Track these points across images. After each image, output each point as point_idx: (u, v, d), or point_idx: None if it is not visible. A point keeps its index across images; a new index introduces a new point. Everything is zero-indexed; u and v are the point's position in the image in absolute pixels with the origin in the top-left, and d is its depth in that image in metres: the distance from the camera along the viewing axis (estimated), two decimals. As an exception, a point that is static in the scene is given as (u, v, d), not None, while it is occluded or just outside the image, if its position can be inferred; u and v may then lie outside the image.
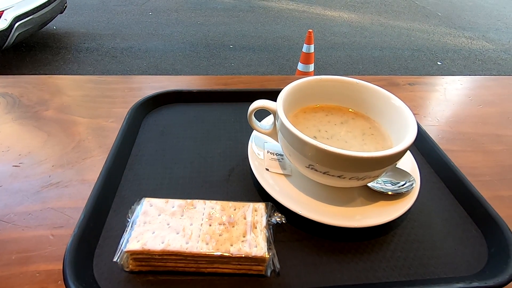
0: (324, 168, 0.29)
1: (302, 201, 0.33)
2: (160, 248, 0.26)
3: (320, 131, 0.35)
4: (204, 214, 0.29)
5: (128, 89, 0.54)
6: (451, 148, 0.44)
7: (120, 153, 0.38)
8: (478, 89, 0.60)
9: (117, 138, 0.39)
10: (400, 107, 0.33)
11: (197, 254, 0.26)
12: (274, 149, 0.38)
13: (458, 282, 0.27)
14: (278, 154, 0.38)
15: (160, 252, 0.26)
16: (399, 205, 0.32)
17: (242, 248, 0.26)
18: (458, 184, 0.36)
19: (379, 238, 0.31)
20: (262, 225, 0.28)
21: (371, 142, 0.34)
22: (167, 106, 0.48)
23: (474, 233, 0.32)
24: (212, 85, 0.57)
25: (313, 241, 0.31)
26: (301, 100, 0.38)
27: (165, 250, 0.26)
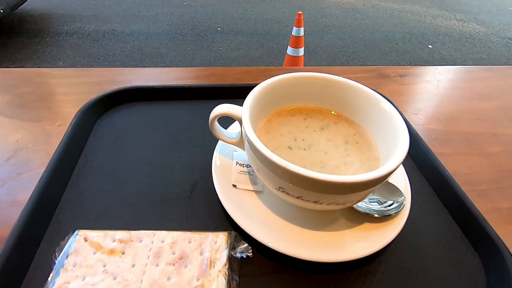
0: (297, 192, 0.24)
1: (273, 225, 0.28)
2: (89, 302, 0.21)
3: (296, 140, 0.30)
4: (151, 250, 0.24)
5: (84, 84, 0.47)
6: (444, 151, 0.40)
7: (61, 166, 0.32)
8: (473, 81, 0.55)
9: (60, 147, 0.33)
10: (390, 113, 0.28)
11: (137, 307, 0.21)
12: (244, 160, 0.33)
13: (453, 322, 0.23)
14: (249, 166, 0.33)
15: (89, 307, 0.20)
16: (387, 229, 0.27)
17: (194, 296, 0.21)
18: (453, 197, 0.32)
19: (363, 268, 0.27)
20: (221, 263, 0.23)
21: (355, 153, 0.29)
22: (124, 106, 0.42)
23: (470, 256, 0.28)
24: (182, 78, 0.50)
25: (285, 275, 0.26)
26: (276, 102, 0.32)
27: (96, 304, 0.20)
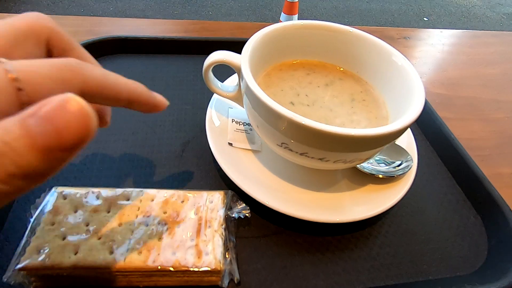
0: (302, 147, 0.22)
1: (271, 185, 0.26)
2: (70, 263, 0.18)
3: (299, 96, 0.27)
4: (139, 209, 0.21)
5: (58, 34, 0.42)
6: (447, 115, 0.38)
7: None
8: (478, 46, 0.53)
9: (32, 100, 0.29)
10: (402, 67, 0.25)
11: (124, 269, 0.19)
12: (240, 117, 0.30)
13: (452, 285, 0.23)
14: (246, 124, 0.30)
15: (70, 269, 0.18)
16: (390, 191, 0.26)
17: (188, 257, 0.19)
18: (456, 160, 0.31)
19: (364, 230, 0.26)
20: (217, 223, 0.21)
21: (362, 111, 0.27)
22: (106, 58, 0.38)
23: (472, 220, 0.28)
24: (170, 31, 0.46)
25: (283, 237, 0.24)
26: (276, 54, 0.29)
27: (78, 265, 0.18)
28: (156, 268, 0.19)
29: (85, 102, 0.11)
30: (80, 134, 0.11)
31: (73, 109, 0.11)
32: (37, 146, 0.10)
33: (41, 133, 0.10)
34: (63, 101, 0.10)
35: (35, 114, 0.10)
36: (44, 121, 0.10)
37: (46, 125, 0.10)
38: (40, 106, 0.10)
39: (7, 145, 0.10)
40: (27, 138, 0.10)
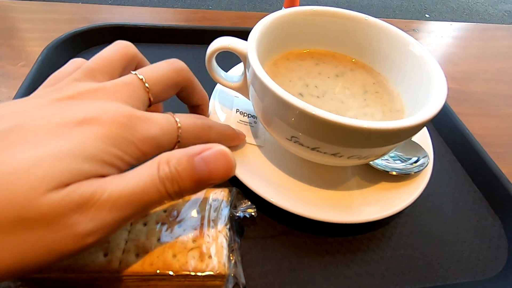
0: (313, 142, 0.20)
1: (278, 182, 0.24)
2: (60, 266, 0.17)
3: (308, 86, 0.25)
4: (136, 207, 0.20)
5: (52, 21, 0.40)
6: (460, 110, 0.37)
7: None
8: (489, 39, 0.51)
9: (22, 89, 0.28)
10: (421, 57, 0.24)
11: (120, 273, 0.17)
12: (246, 108, 0.28)
13: (473, 289, 0.21)
14: (251, 116, 0.28)
15: (60, 272, 0.17)
16: (405, 190, 0.24)
17: (190, 260, 0.18)
18: (473, 157, 0.29)
19: (377, 230, 0.24)
20: (221, 223, 0.20)
21: (376, 103, 0.25)
22: (102, 46, 0.35)
23: (491, 220, 0.26)
24: (170, 20, 0.44)
25: (291, 237, 0.23)
26: (284, 42, 0.27)
27: (69, 268, 0.17)
28: (154, 272, 0.17)
29: (231, 153, 0.15)
30: (223, 175, 0.15)
31: (223, 158, 0.15)
32: (194, 178, 0.15)
33: (200, 170, 0.15)
34: (218, 152, 0.15)
35: (199, 154, 0.15)
36: (204, 162, 0.15)
37: (204, 166, 0.15)
38: (203, 149, 0.15)
39: (177, 172, 0.14)
40: (191, 171, 0.15)
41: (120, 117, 0.15)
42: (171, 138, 0.17)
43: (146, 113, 0.16)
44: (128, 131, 0.15)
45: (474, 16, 2.98)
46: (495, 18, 3.04)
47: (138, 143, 0.15)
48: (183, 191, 0.15)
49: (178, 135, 0.17)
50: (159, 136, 0.16)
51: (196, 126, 0.19)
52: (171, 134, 0.17)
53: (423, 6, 2.98)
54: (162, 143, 0.16)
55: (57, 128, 0.14)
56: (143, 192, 0.14)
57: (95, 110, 0.15)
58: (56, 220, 0.12)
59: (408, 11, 2.86)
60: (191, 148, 0.15)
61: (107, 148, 0.14)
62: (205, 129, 0.20)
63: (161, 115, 0.17)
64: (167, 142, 0.17)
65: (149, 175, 0.14)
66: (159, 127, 0.16)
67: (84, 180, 0.13)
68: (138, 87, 0.18)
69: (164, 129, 0.16)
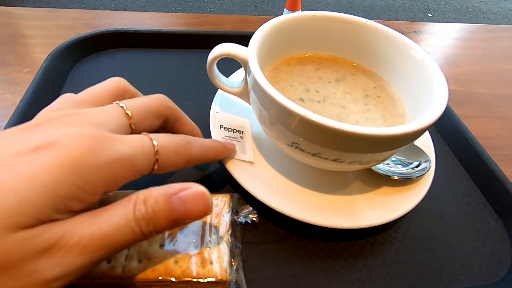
0: (314, 148, 0.20)
1: (279, 187, 0.24)
2: (63, 273, 0.17)
3: (309, 92, 0.25)
4: (139, 214, 0.20)
5: (56, 27, 0.40)
6: (463, 112, 0.36)
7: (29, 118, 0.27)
8: (492, 40, 0.51)
9: (27, 95, 0.28)
10: (422, 62, 0.24)
11: (122, 279, 0.17)
12: (230, 123, 0.26)
13: (477, 293, 0.21)
14: (236, 131, 0.26)
15: (63, 279, 0.17)
16: (407, 194, 0.24)
17: (191, 266, 0.18)
18: (476, 160, 0.29)
19: (379, 235, 0.24)
20: (223, 228, 0.20)
21: (377, 108, 0.25)
22: (105, 52, 0.36)
23: (494, 224, 0.26)
24: (172, 25, 0.44)
25: (293, 242, 0.23)
26: (285, 47, 0.27)
27: (72, 275, 0.17)
28: (157, 279, 0.17)
29: (208, 193, 0.16)
30: (200, 215, 0.15)
31: (201, 199, 0.15)
32: (171, 218, 0.15)
33: (177, 210, 0.15)
34: (197, 192, 0.15)
35: (176, 194, 0.15)
36: (182, 202, 0.15)
37: (182, 206, 0.15)
38: (181, 188, 0.15)
39: (154, 212, 0.14)
40: (168, 211, 0.14)
41: (83, 139, 0.13)
42: (147, 158, 0.16)
43: (117, 134, 0.15)
44: (91, 154, 0.13)
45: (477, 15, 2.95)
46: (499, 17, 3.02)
47: (103, 166, 0.14)
48: (158, 230, 0.15)
49: (155, 154, 0.16)
50: (132, 156, 0.15)
51: (175, 144, 0.18)
52: (146, 154, 0.16)
53: (426, 6, 2.96)
54: (136, 164, 0.15)
55: (9, 159, 0.12)
56: (116, 233, 0.13)
57: (55, 134, 0.13)
58: (17, 266, 0.11)
59: (411, 11, 2.85)
60: (168, 187, 0.15)
61: (65, 178, 0.12)
62: (185, 146, 0.18)
63: (135, 136, 0.16)
64: (143, 163, 0.16)
65: (124, 215, 0.14)
66: (132, 147, 0.15)
67: (47, 220, 0.12)
68: (118, 112, 0.17)
69: (138, 149, 0.15)
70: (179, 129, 0.21)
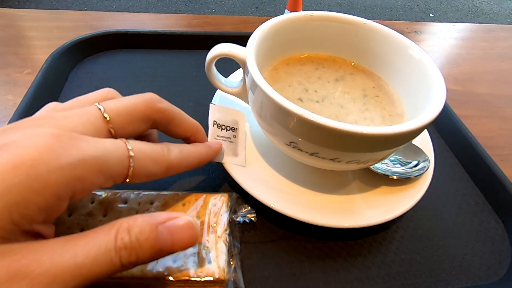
0: (312, 147, 0.20)
1: (278, 187, 0.24)
2: (62, 272, 0.17)
3: (307, 91, 0.26)
4: (137, 213, 0.20)
5: (57, 29, 0.40)
6: (463, 112, 0.36)
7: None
8: (493, 40, 0.51)
9: (27, 96, 0.28)
10: (420, 61, 0.24)
11: (120, 277, 0.17)
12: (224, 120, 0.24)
13: (476, 293, 0.21)
14: (229, 128, 0.24)
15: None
16: (405, 194, 0.24)
17: (189, 265, 0.18)
18: (475, 160, 0.29)
19: (378, 234, 0.24)
20: (221, 228, 0.20)
21: (375, 108, 0.25)
22: (106, 53, 0.36)
23: (493, 224, 0.26)
24: (172, 26, 0.44)
25: (291, 242, 0.23)
26: (283, 47, 0.27)
27: (71, 274, 0.17)
28: (155, 277, 0.18)
29: (197, 224, 0.15)
30: (186, 246, 0.15)
31: (189, 230, 0.15)
32: (156, 248, 0.14)
33: (163, 240, 0.14)
34: (185, 223, 0.15)
35: (163, 224, 0.14)
36: (169, 233, 0.14)
37: (169, 236, 0.14)
38: (168, 218, 0.14)
39: (138, 242, 0.13)
40: (153, 241, 0.14)
41: (43, 138, 0.12)
42: (120, 163, 0.15)
43: (87, 136, 0.14)
44: (50, 152, 0.12)
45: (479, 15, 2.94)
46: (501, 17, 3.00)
47: (66, 167, 0.12)
48: (140, 261, 0.13)
49: (130, 159, 0.15)
50: (101, 158, 0.14)
51: (152, 150, 0.17)
52: (119, 158, 0.15)
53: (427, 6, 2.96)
54: (107, 167, 0.14)
55: None
56: (93, 264, 0.12)
57: (15, 135, 0.12)
58: None
59: (412, 11, 2.84)
60: (154, 216, 0.14)
61: (19, 181, 0.11)
62: (164, 153, 0.17)
63: (107, 139, 0.15)
64: (115, 168, 0.14)
65: (103, 243, 0.13)
66: (102, 148, 0.14)
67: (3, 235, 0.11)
68: (94, 116, 0.15)
69: (109, 151, 0.14)
70: (172, 130, 0.20)
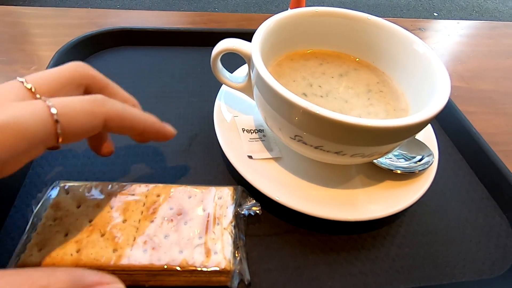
0: (316, 140, 0.20)
1: (283, 181, 0.24)
2: (71, 261, 0.17)
3: (312, 86, 0.26)
4: (144, 205, 0.20)
5: (62, 26, 0.41)
6: (467, 109, 0.36)
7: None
8: (498, 37, 0.51)
9: (35, 92, 0.29)
10: (424, 55, 0.24)
11: (129, 268, 0.18)
12: (249, 125, 0.27)
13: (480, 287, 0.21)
14: (257, 131, 0.27)
15: (71, 266, 0.17)
16: (409, 188, 0.24)
17: (196, 256, 0.18)
18: (479, 156, 0.29)
19: (382, 229, 0.24)
20: (227, 220, 0.20)
21: (379, 102, 0.25)
22: (111, 50, 0.37)
23: (498, 219, 0.26)
24: (176, 23, 0.44)
25: (296, 236, 0.23)
26: (287, 43, 0.27)
27: (80, 263, 0.17)
28: (162, 267, 0.18)
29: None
30: None
31: None
32: None
33: None
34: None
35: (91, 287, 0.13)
36: None
37: None
38: (96, 282, 0.13)
39: None
40: None
41: None
42: (42, 121, 0.13)
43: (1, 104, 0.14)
44: None
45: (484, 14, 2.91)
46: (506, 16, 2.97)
47: None
48: None
49: (53, 116, 0.14)
50: (16, 120, 0.13)
51: (82, 101, 0.15)
52: (39, 117, 0.13)
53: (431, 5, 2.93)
54: (26, 128, 0.13)
55: None
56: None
57: None
58: None
59: (416, 10, 2.82)
60: (80, 275, 0.13)
61: None
62: (97, 103, 0.16)
63: (25, 102, 0.14)
64: (37, 127, 0.13)
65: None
66: (15, 111, 0.13)
67: None
68: (16, 88, 0.15)
69: (26, 112, 0.13)
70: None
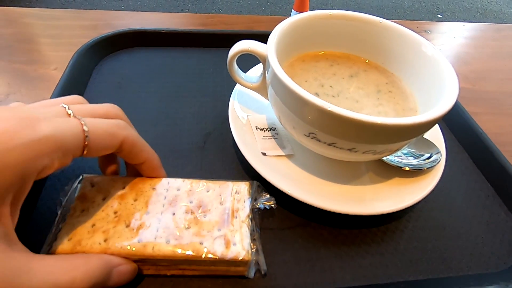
0: (330, 137, 0.21)
1: (296, 177, 0.25)
2: (100, 250, 0.18)
3: (323, 86, 0.27)
4: (166, 198, 0.21)
5: (78, 28, 0.42)
6: (473, 110, 0.37)
7: (60, 111, 0.29)
8: (502, 39, 0.51)
9: (55, 91, 0.30)
10: (432, 57, 0.25)
11: (153, 257, 0.19)
12: (263, 123, 0.29)
13: (485, 281, 0.22)
14: (270, 129, 0.28)
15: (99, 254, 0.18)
16: (418, 185, 0.25)
17: (215, 247, 0.19)
18: (486, 155, 0.30)
19: (391, 224, 0.25)
20: (244, 213, 0.21)
21: (389, 103, 0.26)
22: (126, 51, 0.38)
23: (503, 216, 0.27)
24: (187, 25, 0.46)
25: (309, 229, 0.24)
26: (299, 45, 0.28)
27: (108, 252, 0.18)
28: (184, 257, 0.19)
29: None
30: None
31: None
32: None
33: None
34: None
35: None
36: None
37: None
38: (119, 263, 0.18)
39: None
40: None
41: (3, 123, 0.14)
42: (76, 137, 0.16)
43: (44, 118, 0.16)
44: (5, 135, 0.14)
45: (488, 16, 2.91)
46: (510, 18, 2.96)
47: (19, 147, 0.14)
48: None
49: (84, 134, 0.17)
50: (56, 135, 0.15)
51: (107, 124, 0.18)
52: (74, 133, 0.16)
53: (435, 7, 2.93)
54: (62, 142, 0.16)
55: None
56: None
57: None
58: None
59: (420, 12, 2.82)
60: (109, 259, 0.16)
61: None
62: (120, 127, 0.19)
63: (63, 118, 0.17)
64: (71, 141, 0.16)
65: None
66: (57, 127, 0.16)
67: None
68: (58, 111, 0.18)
69: (64, 128, 0.16)
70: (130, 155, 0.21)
